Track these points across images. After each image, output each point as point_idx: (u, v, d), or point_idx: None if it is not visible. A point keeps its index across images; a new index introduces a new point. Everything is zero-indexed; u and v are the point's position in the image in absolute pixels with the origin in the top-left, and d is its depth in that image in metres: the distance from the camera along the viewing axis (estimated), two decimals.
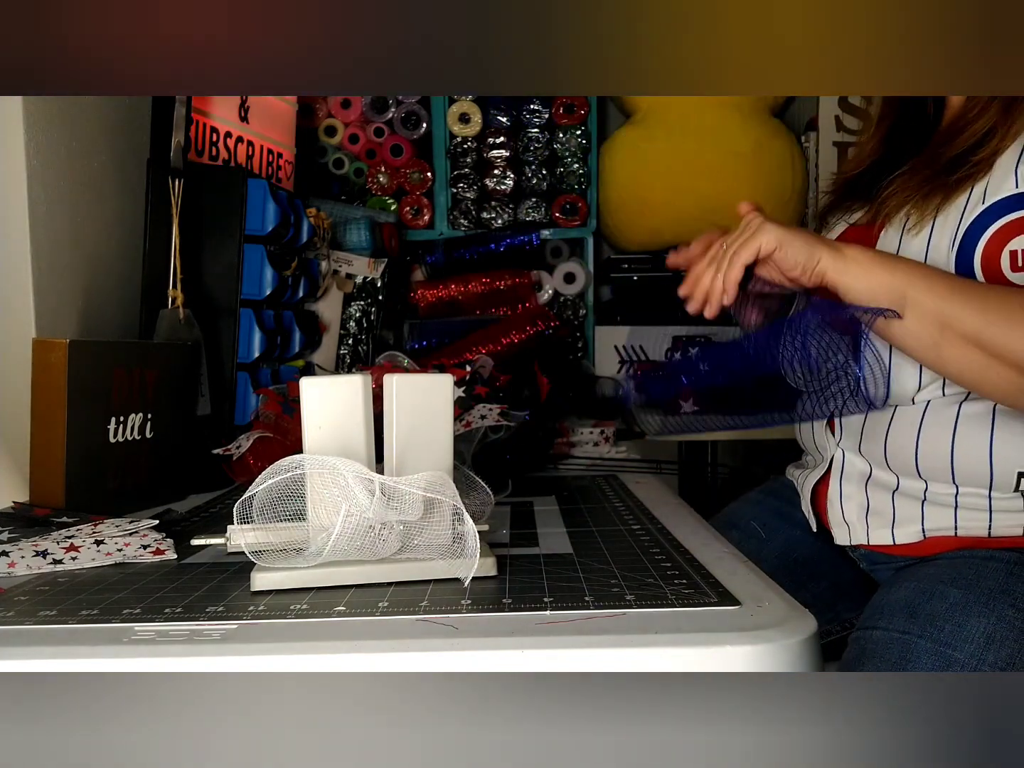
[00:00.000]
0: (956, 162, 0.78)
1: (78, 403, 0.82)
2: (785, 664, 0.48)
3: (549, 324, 1.74)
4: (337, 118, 1.87)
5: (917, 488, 0.81)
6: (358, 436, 0.61)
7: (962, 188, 0.77)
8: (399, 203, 1.88)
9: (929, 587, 0.75)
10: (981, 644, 0.69)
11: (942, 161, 0.80)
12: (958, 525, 0.79)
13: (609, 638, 0.49)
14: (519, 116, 1.84)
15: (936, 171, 0.79)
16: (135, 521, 0.74)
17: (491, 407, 0.96)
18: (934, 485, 0.80)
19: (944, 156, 0.80)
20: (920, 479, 0.80)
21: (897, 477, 0.82)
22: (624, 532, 0.76)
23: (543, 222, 1.87)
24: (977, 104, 0.79)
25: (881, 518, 0.83)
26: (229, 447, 0.98)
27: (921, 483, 0.80)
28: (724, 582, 0.59)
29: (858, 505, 0.85)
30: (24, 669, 0.47)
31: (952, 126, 0.82)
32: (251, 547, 0.59)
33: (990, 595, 0.72)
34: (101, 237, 1.11)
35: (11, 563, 0.66)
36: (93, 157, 1.10)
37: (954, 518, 0.79)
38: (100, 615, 0.55)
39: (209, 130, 1.23)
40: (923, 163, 0.82)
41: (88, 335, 1.06)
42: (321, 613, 0.54)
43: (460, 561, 0.59)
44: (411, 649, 0.48)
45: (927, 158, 0.82)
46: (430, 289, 1.84)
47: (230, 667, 0.48)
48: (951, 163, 0.79)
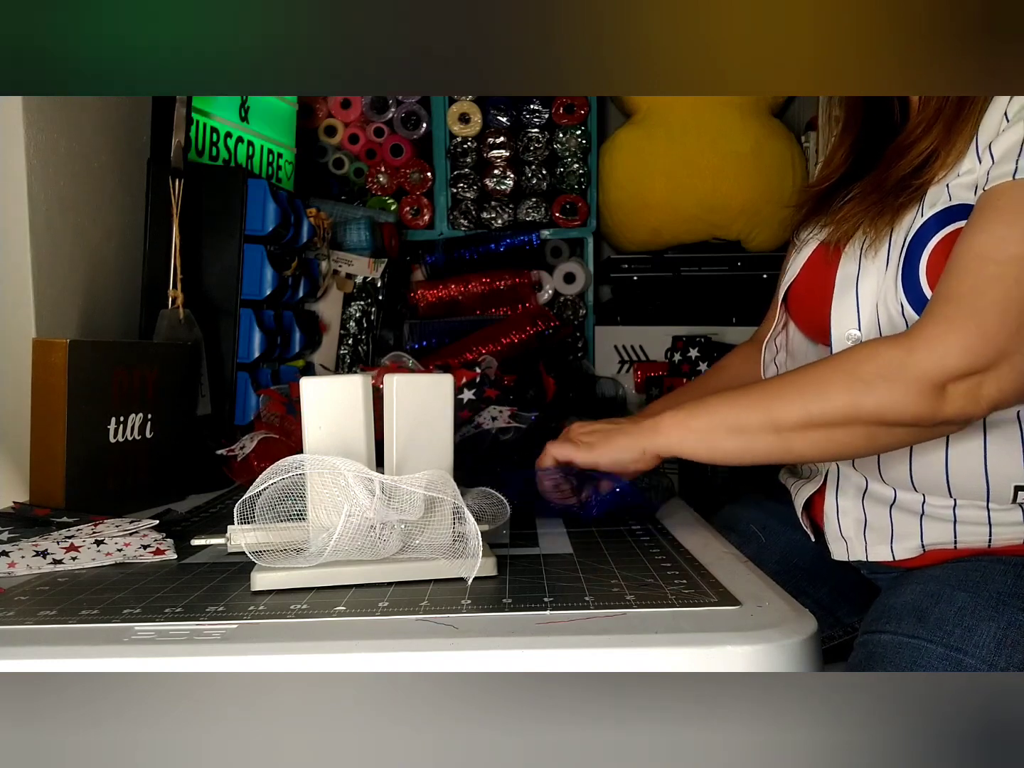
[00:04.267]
0: (901, 185, 0.78)
1: (78, 403, 0.82)
2: (785, 664, 0.48)
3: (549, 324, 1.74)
4: (337, 118, 1.87)
5: (914, 501, 0.79)
6: (358, 436, 0.61)
7: (910, 208, 0.77)
8: (399, 203, 1.88)
9: (936, 590, 0.74)
10: (992, 648, 0.69)
11: (888, 185, 0.79)
12: (957, 540, 0.78)
13: (609, 638, 0.49)
14: (519, 116, 1.84)
15: (883, 194, 0.79)
16: (135, 521, 0.74)
17: (501, 409, 0.98)
18: (931, 498, 0.79)
19: (890, 179, 0.79)
20: (916, 492, 0.79)
21: (894, 491, 0.81)
22: (624, 532, 0.76)
23: (543, 222, 1.87)
24: (922, 122, 0.78)
25: (879, 533, 0.82)
26: (233, 448, 0.98)
27: (918, 496, 0.79)
28: (724, 582, 0.59)
29: (855, 520, 0.84)
30: (24, 669, 0.47)
31: (900, 143, 0.81)
32: (251, 547, 0.59)
33: (998, 598, 0.72)
34: (101, 237, 1.11)
35: (11, 563, 0.66)
36: (93, 157, 1.10)
37: (953, 532, 0.78)
38: (100, 615, 0.55)
39: (209, 130, 1.23)
40: (872, 184, 0.82)
41: (88, 335, 1.06)
42: (321, 613, 0.54)
43: (461, 561, 0.59)
44: (411, 649, 0.48)
45: (876, 179, 0.82)
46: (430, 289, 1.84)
47: (230, 667, 0.48)
48: (897, 185, 0.79)
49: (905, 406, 0.68)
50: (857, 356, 0.72)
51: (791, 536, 0.96)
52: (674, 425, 0.77)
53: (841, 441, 0.72)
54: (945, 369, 0.67)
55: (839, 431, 0.71)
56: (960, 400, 0.68)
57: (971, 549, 0.79)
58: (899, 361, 0.69)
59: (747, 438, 0.74)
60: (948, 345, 0.67)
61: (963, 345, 0.67)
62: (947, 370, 0.67)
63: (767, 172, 1.83)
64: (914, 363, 0.68)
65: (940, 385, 0.68)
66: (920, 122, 0.79)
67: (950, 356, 0.67)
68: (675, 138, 1.83)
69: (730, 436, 0.75)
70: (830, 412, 0.71)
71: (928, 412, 0.68)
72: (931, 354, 0.68)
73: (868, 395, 0.69)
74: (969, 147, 0.75)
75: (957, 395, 0.68)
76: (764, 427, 0.73)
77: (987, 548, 0.78)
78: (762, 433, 0.73)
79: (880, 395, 0.69)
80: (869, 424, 0.70)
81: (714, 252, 1.93)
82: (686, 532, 0.75)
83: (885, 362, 0.69)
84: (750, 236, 1.91)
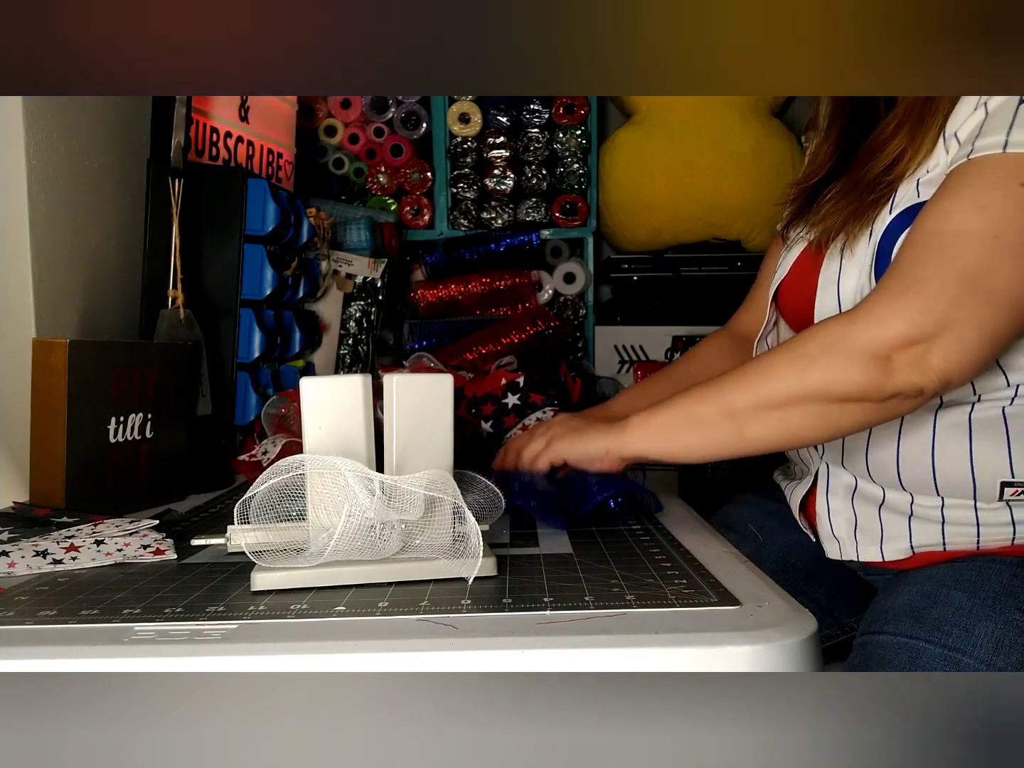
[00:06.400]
0: (874, 183, 0.79)
1: (78, 403, 0.82)
2: (785, 664, 0.48)
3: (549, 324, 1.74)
4: (337, 118, 1.87)
5: (903, 501, 0.79)
6: (358, 436, 0.61)
7: (882, 206, 0.78)
8: (399, 203, 1.88)
9: (932, 591, 0.74)
10: (990, 649, 0.68)
11: (862, 183, 0.80)
12: (946, 541, 0.78)
13: (609, 638, 0.49)
14: (519, 116, 1.84)
15: (859, 193, 0.80)
16: (135, 521, 0.74)
17: (546, 410, 1.01)
18: (919, 498, 0.79)
19: (865, 177, 0.80)
20: (904, 491, 0.79)
21: (883, 489, 0.81)
22: (624, 532, 0.76)
23: (543, 222, 1.87)
24: (892, 121, 0.79)
25: (869, 535, 0.82)
26: (254, 452, 0.98)
27: (906, 496, 0.79)
28: (724, 582, 0.59)
29: (846, 520, 0.84)
30: (24, 669, 0.47)
31: (873, 141, 0.81)
32: (251, 547, 0.59)
33: (995, 598, 0.71)
34: (101, 237, 1.11)
35: (11, 563, 0.66)
36: (93, 157, 1.10)
37: (942, 534, 0.78)
38: (100, 615, 0.55)
39: (209, 130, 1.23)
40: (850, 183, 0.82)
41: (88, 335, 1.06)
42: (321, 613, 0.54)
43: (461, 561, 0.59)
44: (411, 649, 0.48)
45: (852, 178, 0.82)
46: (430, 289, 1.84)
47: (230, 667, 0.48)
48: (870, 184, 0.79)
49: (850, 376, 0.69)
50: (803, 336, 0.73)
51: (789, 536, 0.96)
52: (637, 425, 0.78)
53: (795, 423, 0.72)
54: (886, 339, 0.68)
55: (791, 411, 0.71)
56: (906, 371, 0.68)
57: (960, 552, 0.79)
58: (841, 334, 0.70)
59: (703, 429, 0.75)
60: (888, 315, 0.68)
61: (903, 315, 0.67)
62: (888, 340, 0.67)
63: (767, 172, 1.83)
64: (856, 334, 0.69)
65: (883, 356, 0.68)
66: (891, 120, 0.79)
67: (890, 325, 0.68)
68: (675, 138, 1.83)
69: (688, 429, 0.75)
70: (778, 391, 0.71)
71: (874, 384, 0.68)
72: (872, 324, 0.68)
73: (812, 370, 0.70)
74: (937, 142, 0.75)
75: (903, 365, 0.68)
76: (719, 416, 0.73)
77: (976, 551, 0.78)
78: (718, 422, 0.74)
79: (823, 368, 0.69)
80: (818, 401, 0.70)
81: (714, 252, 1.93)
82: (686, 532, 0.75)
83: (827, 336, 0.70)
84: (750, 236, 1.91)
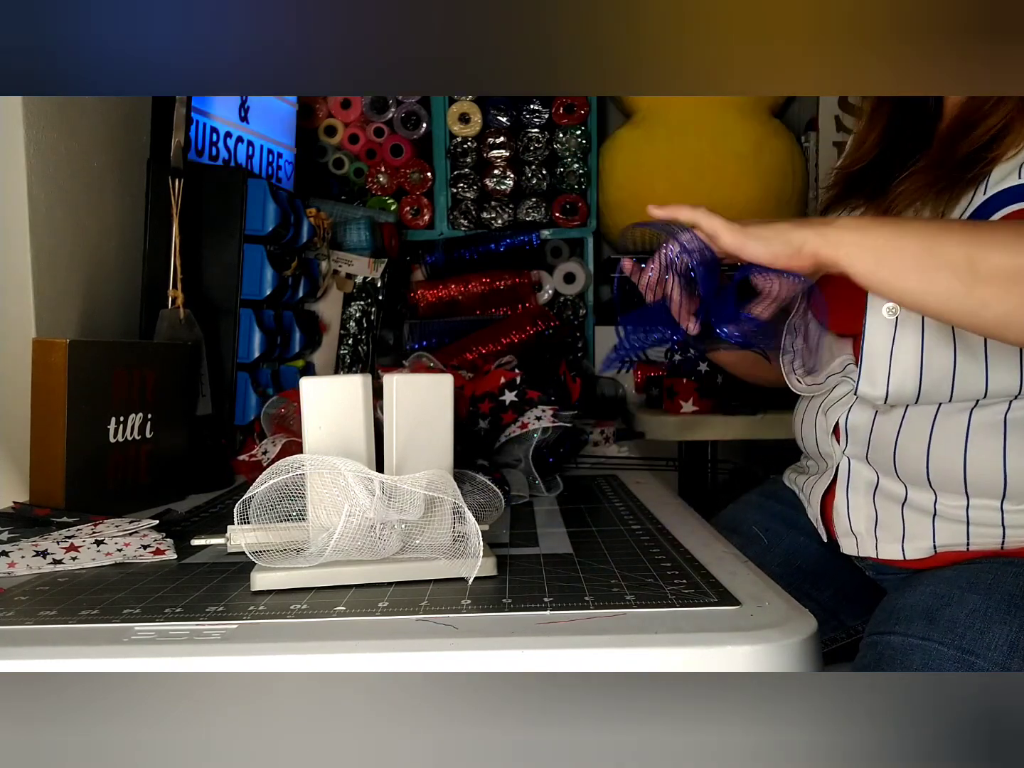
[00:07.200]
0: (972, 159, 0.75)
1: (78, 403, 0.82)
2: (785, 664, 0.48)
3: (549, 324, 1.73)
4: (337, 118, 1.87)
5: (927, 500, 0.78)
6: (358, 436, 0.61)
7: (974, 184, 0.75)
8: (399, 203, 1.88)
9: (946, 592, 0.73)
10: (1005, 652, 0.68)
11: (956, 158, 0.77)
12: (970, 541, 0.78)
13: (609, 638, 0.49)
14: (519, 116, 1.84)
15: (950, 168, 0.76)
16: (135, 521, 0.74)
17: (544, 408, 0.99)
18: (944, 496, 0.78)
19: (958, 153, 0.77)
20: (930, 490, 0.78)
21: (906, 487, 0.79)
22: (624, 532, 0.76)
23: (543, 222, 1.87)
24: (991, 98, 0.76)
25: (890, 532, 0.81)
26: (255, 452, 0.98)
27: (931, 494, 0.78)
28: (724, 582, 0.59)
29: (866, 516, 0.83)
30: (24, 669, 0.47)
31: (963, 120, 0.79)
32: (251, 547, 0.59)
33: (1011, 601, 0.71)
34: (101, 237, 1.11)
35: (11, 563, 0.66)
36: (93, 157, 1.10)
37: (966, 534, 0.77)
38: (100, 615, 0.55)
39: (209, 130, 1.23)
40: (935, 160, 0.79)
41: (88, 335, 1.06)
42: (321, 613, 0.54)
43: (461, 560, 0.59)
44: (411, 649, 0.48)
45: (939, 155, 0.79)
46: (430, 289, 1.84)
47: (230, 667, 0.48)
48: (966, 160, 0.76)
49: None
50: None
51: (794, 539, 0.95)
52: (850, 229, 0.65)
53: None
54: None
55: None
56: None
57: (983, 551, 0.78)
58: None
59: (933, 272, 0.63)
60: None
61: None
62: None
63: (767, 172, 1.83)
64: None
65: None
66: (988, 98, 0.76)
67: None
68: (675, 138, 1.83)
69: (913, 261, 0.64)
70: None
71: None
72: None
73: None
74: None
75: None
76: (959, 264, 0.62)
77: (1000, 550, 0.77)
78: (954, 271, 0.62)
79: None
80: None
81: None
82: (686, 532, 0.75)
83: None
84: None
